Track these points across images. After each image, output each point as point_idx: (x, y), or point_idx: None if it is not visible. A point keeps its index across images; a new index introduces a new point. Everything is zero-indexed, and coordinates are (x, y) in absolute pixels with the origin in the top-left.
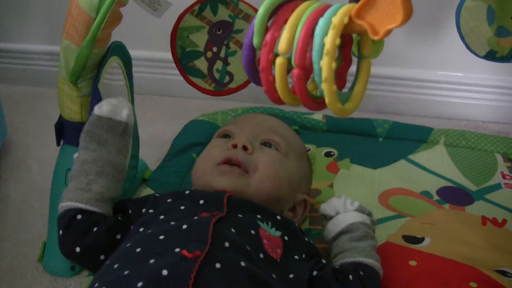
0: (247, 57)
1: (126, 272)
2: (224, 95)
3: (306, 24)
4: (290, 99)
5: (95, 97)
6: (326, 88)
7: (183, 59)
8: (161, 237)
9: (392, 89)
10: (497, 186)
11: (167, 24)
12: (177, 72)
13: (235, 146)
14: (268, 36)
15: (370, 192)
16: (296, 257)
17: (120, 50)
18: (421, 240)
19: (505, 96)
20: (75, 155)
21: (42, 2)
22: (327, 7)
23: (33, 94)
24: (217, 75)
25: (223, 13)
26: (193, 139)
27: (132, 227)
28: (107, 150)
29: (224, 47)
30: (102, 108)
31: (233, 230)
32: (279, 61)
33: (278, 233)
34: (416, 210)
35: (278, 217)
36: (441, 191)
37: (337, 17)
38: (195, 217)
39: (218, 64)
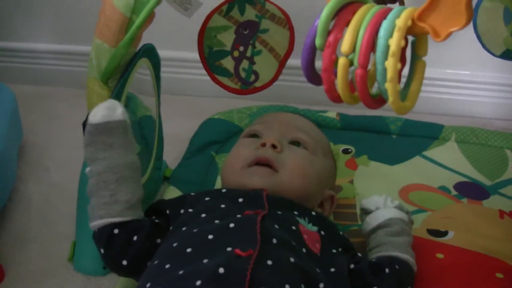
0: (308, 57)
1: (181, 272)
2: (249, 94)
3: (370, 26)
4: (349, 98)
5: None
6: (391, 88)
7: (210, 58)
8: (210, 236)
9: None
10: (510, 181)
11: (181, 23)
12: (189, 70)
13: (264, 145)
14: (331, 38)
15: (390, 187)
16: (334, 250)
17: (150, 53)
18: (445, 233)
19: (511, 94)
20: (87, 169)
21: (51, 1)
22: (388, 10)
23: (42, 94)
24: (243, 74)
25: (250, 13)
26: (210, 137)
27: (171, 227)
28: (116, 153)
29: (250, 47)
30: (96, 115)
31: (276, 226)
32: (342, 61)
33: (315, 228)
34: (436, 205)
35: (313, 213)
36: (458, 186)
37: (401, 19)
38: (239, 215)
39: (244, 63)
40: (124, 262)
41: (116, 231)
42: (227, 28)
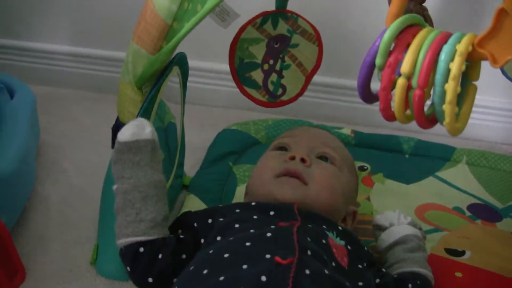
0: (365, 75)
1: (221, 278)
2: (275, 107)
3: (431, 50)
4: (403, 117)
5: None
6: (449, 110)
7: (240, 69)
8: (247, 243)
9: None
10: None
11: (194, 33)
12: (204, 80)
13: (293, 158)
14: (392, 58)
15: (406, 206)
16: (360, 265)
17: (182, 61)
18: (462, 253)
19: None
20: (114, 187)
21: (68, 3)
22: (448, 35)
23: (57, 95)
24: (271, 87)
25: (282, 28)
26: (228, 148)
27: (202, 239)
28: (142, 172)
29: (279, 60)
30: (125, 134)
31: (309, 239)
32: (401, 81)
33: (343, 242)
34: (451, 225)
35: (340, 227)
36: (472, 208)
37: (462, 45)
38: (273, 226)
39: (273, 77)
40: (150, 280)
41: (141, 249)
42: (259, 40)
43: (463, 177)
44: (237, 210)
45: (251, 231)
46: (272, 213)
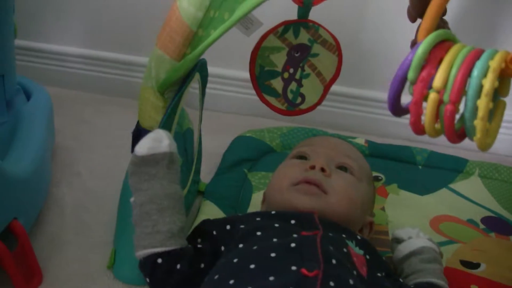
0: (397, 88)
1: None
2: (293, 115)
3: (464, 65)
4: (433, 131)
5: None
6: (481, 125)
7: (261, 77)
8: (272, 254)
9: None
10: None
11: None
12: (216, 86)
13: (313, 168)
14: (424, 73)
15: (421, 217)
16: (379, 274)
17: (203, 67)
18: (477, 265)
19: None
20: (131, 199)
21: (82, 5)
22: (480, 51)
23: (69, 97)
24: (290, 96)
25: (303, 37)
26: (243, 155)
27: (222, 247)
28: (159, 184)
29: (299, 69)
30: (143, 148)
31: (331, 248)
32: (433, 96)
33: (361, 252)
34: (466, 237)
35: (358, 237)
36: (485, 220)
37: (496, 61)
38: (295, 235)
39: (293, 85)
40: None
41: (159, 260)
42: (280, 49)
43: (476, 189)
44: (258, 219)
45: (274, 240)
46: (293, 221)
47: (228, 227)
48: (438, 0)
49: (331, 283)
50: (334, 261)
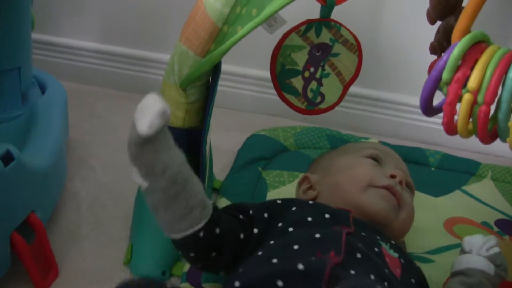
0: (431, 88)
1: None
2: (313, 115)
3: (500, 67)
4: (465, 132)
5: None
6: None
7: (281, 75)
8: (295, 246)
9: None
10: None
11: None
12: (229, 83)
13: (393, 177)
14: (460, 73)
15: (435, 218)
16: (413, 280)
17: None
18: None
19: None
20: (143, 186)
21: (99, 0)
22: None
23: (82, 91)
24: (310, 95)
25: (325, 36)
26: (257, 153)
27: (255, 229)
28: (170, 158)
29: (320, 69)
30: (152, 127)
31: (360, 245)
32: (467, 97)
33: (396, 255)
34: None
35: (393, 242)
36: (499, 223)
37: None
38: (325, 230)
39: (313, 84)
40: (213, 254)
41: (201, 234)
42: (302, 48)
43: (489, 192)
44: (294, 208)
45: (303, 234)
46: (327, 216)
47: (266, 215)
48: (475, 1)
49: (352, 272)
50: (358, 255)
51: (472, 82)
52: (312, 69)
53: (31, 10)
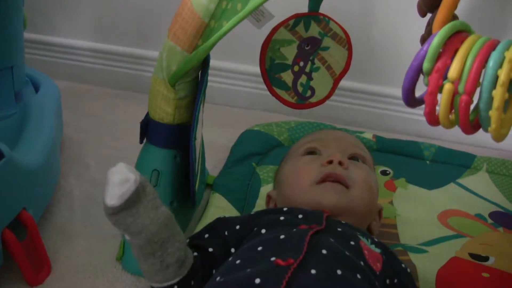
0: (412, 79)
1: (221, 280)
2: (303, 109)
3: (480, 56)
4: (448, 122)
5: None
6: (496, 116)
7: (271, 70)
8: (259, 248)
9: None
10: None
11: None
12: (223, 80)
13: (330, 162)
14: (440, 63)
15: (429, 211)
16: (395, 280)
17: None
18: (486, 258)
19: None
20: (126, 237)
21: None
22: (496, 42)
23: (77, 90)
24: (300, 89)
25: (314, 30)
26: (251, 149)
27: (232, 249)
28: (147, 220)
29: (309, 62)
30: (113, 198)
31: (331, 239)
32: (448, 86)
33: (378, 250)
34: (474, 231)
35: (375, 239)
36: (493, 215)
37: (511, 52)
38: (294, 229)
39: (303, 78)
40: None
41: (175, 286)
42: (291, 42)
43: (484, 184)
44: (271, 214)
45: (270, 235)
46: (300, 216)
47: (237, 227)
48: None
49: (312, 271)
50: (324, 251)
51: (452, 72)
52: (301, 63)
53: (23, 9)
